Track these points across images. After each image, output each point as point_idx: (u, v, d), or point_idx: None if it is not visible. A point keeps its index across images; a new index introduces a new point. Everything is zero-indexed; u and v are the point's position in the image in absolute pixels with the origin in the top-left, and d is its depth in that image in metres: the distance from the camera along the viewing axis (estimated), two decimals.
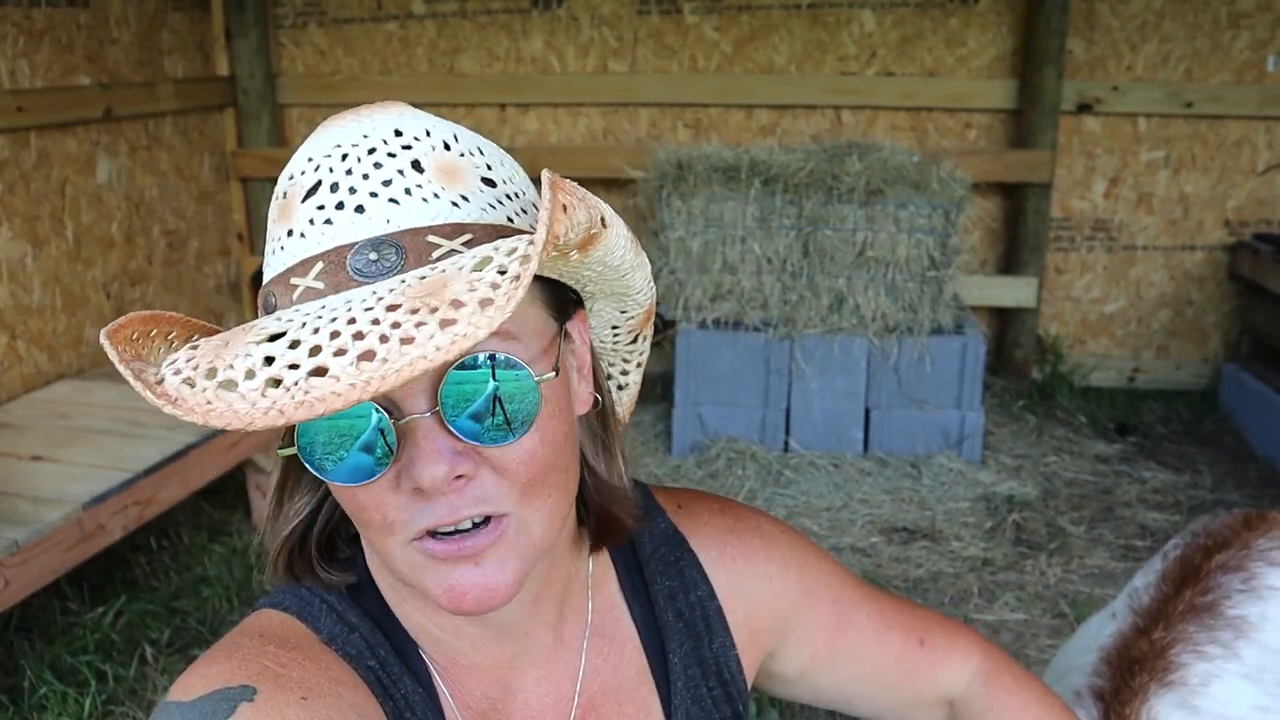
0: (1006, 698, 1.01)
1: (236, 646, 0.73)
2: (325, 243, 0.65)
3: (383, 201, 0.66)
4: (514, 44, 4.70)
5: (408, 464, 0.64)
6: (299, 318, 0.59)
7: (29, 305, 3.57)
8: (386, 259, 0.64)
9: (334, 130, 0.69)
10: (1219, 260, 4.59)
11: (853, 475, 3.79)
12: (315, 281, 0.65)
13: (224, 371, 0.57)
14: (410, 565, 0.69)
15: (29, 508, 2.58)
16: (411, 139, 0.68)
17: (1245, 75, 4.38)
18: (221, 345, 0.60)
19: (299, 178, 0.68)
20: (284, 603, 0.78)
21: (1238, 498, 3.70)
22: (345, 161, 0.67)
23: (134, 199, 4.11)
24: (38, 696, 2.61)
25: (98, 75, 3.88)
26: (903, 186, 3.71)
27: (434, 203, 0.66)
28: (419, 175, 0.67)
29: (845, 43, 4.56)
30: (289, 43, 4.81)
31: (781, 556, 0.95)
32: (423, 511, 0.66)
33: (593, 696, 0.84)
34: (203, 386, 0.57)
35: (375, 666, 0.76)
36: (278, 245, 0.68)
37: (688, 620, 0.89)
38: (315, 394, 0.54)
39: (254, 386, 0.56)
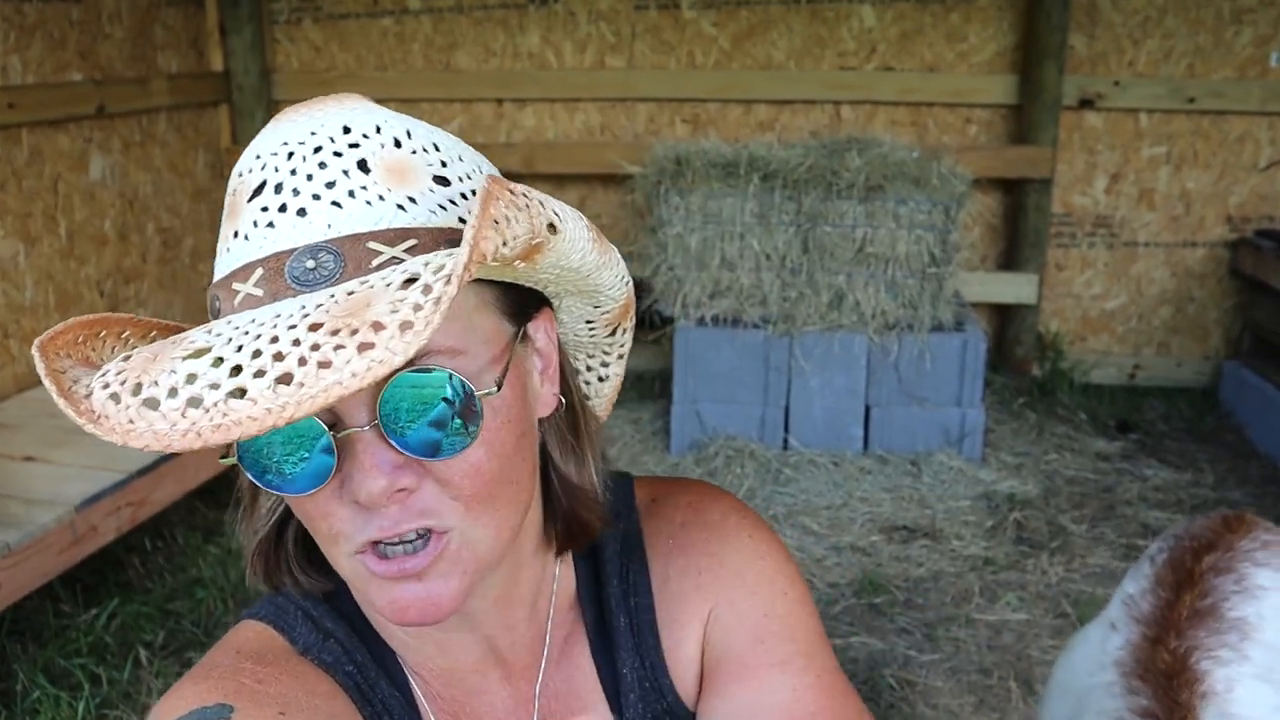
0: None
1: (214, 665, 0.73)
2: (267, 247, 0.63)
3: (325, 205, 0.63)
4: (510, 39, 4.67)
5: (347, 477, 0.63)
6: (227, 331, 0.58)
7: (21, 304, 3.53)
8: (324, 266, 0.61)
9: (284, 126, 0.66)
10: (1220, 257, 4.57)
11: (852, 473, 3.77)
12: (254, 288, 0.63)
13: (148, 388, 0.55)
14: (356, 576, 0.68)
15: (21, 509, 2.56)
16: (360, 136, 0.65)
17: (1248, 71, 4.35)
18: (151, 358, 0.58)
19: (246, 176, 0.66)
20: (261, 613, 0.79)
21: (1239, 495, 3.68)
22: (290, 160, 0.64)
23: (127, 196, 4.07)
24: (30, 700, 2.58)
25: (90, 71, 3.85)
26: (903, 182, 3.68)
27: (378, 205, 0.63)
28: (364, 176, 0.64)
29: (845, 38, 4.53)
30: (284, 38, 4.78)
31: (720, 553, 0.84)
32: (366, 523, 0.64)
33: (549, 701, 0.83)
34: (127, 403, 0.56)
35: (353, 671, 0.77)
36: (224, 246, 0.66)
37: (635, 627, 0.85)
38: (232, 417, 0.53)
39: (175, 406, 0.54)
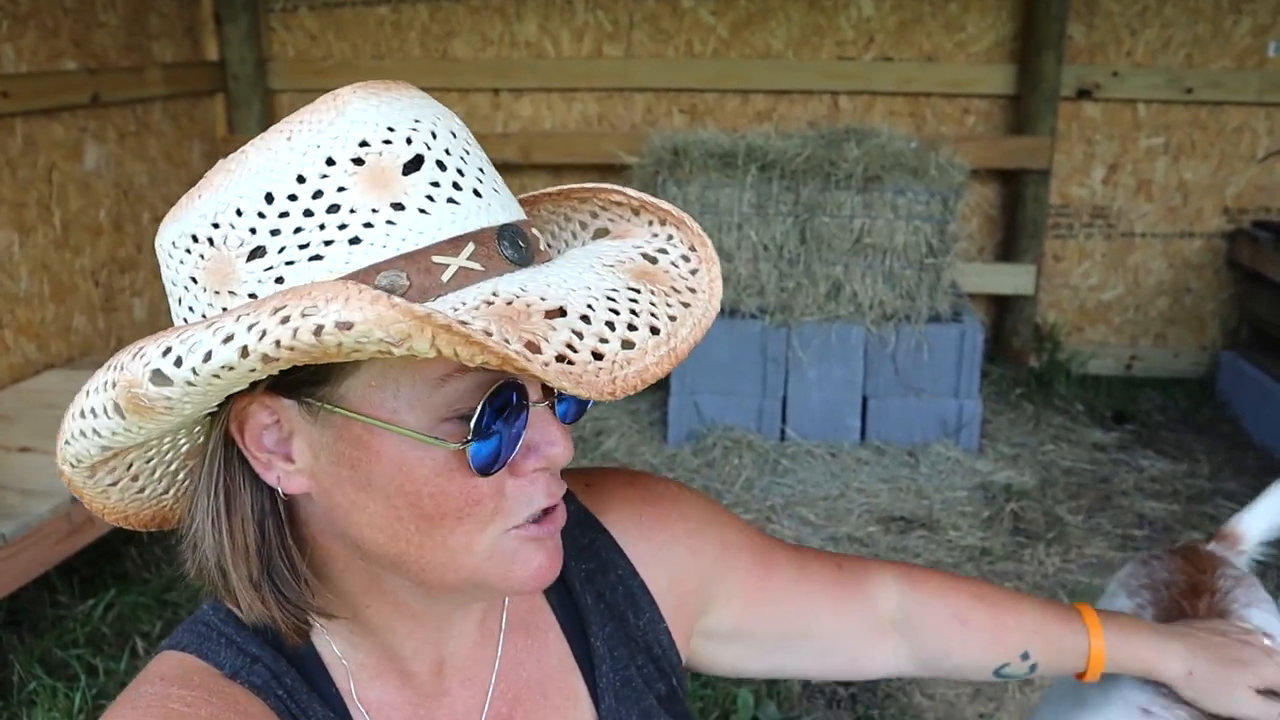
0: (931, 586, 1.04)
1: (140, 695, 0.70)
2: (459, 222, 0.62)
3: (488, 189, 0.65)
4: (508, 28, 4.65)
5: (534, 445, 0.67)
6: (551, 293, 0.59)
7: (16, 294, 3.52)
8: (522, 248, 0.64)
9: (399, 101, 0.65)
10: (1218, 248, 4.56)
11: (850, 464, 3.77)
12: (470, 262, 0.61)
13: (554, 345, 0.57)
14: (497, 555, 0.68)
15: (17, 500, 2.55)
16: (457, 125, 0.68)
17: (1246, 61, 4.34)
18: (508, 320, 0.56)
19: (386, 148, 0.62)
20: (182, 642, 0.76)
21: (1235, 486, 3.69)
22: (437, 140, 0.64)
23: (123, 185, 4.06)
24: (27, 691, 2.58)
25: (84, 60, 3.83)
26: (901, 173, 3.68)
27: (508, 197, 0.69)
28: (491, 169, 0.68)
29: (843, 27, 4.52)
30: (279, 27, 4.76)
31: (696, 515, 0.94)
32: (533, 496, 0.68)
33: (517, 691, 0.83)
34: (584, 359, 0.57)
35: (283, 695, 0.74)
36: (368, 216, 0.60)
37: (609, 601, 0.87)
38: (638, 365, 0.58)
39: (585, 359, 0.57)
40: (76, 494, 0.71)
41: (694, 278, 0.66)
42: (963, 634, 1.03)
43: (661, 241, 0.70)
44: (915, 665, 1.05)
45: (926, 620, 1.03)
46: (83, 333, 3.83)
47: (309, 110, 0.64)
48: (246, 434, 0.65)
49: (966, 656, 1.04)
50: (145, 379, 0.56)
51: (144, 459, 0.71)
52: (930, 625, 1.03)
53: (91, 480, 0.71)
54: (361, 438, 0.63)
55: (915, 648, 1.04)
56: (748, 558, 0.96)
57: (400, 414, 0.62)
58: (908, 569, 1.05)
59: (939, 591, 1.03)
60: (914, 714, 2.55)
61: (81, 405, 0.62)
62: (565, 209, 0.78)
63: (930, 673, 1.07)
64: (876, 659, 1.04)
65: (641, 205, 0.73)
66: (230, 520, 0.67)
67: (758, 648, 0.99)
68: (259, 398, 0.64)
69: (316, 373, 0.62)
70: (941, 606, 1.03)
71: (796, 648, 1.00)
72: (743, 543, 0.97)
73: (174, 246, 0.64)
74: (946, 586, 1.04)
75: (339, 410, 0.63)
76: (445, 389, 0.62)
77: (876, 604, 1.02)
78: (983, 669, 1.05)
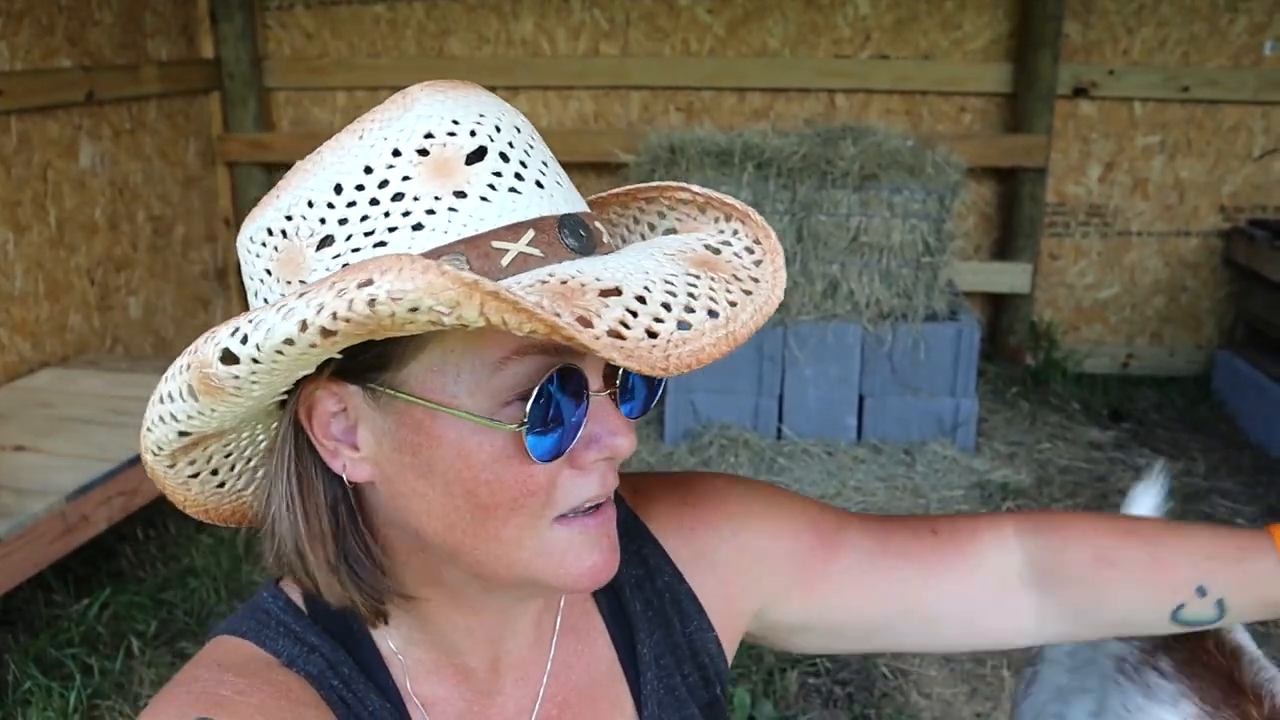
0: (1064, 531, 0.90)
1: (194, 679, 0.71)
2: (520, 211, 0.63)
3: (551, 181, 0.66)
4: (504, 26, 4.64)
5: (596, 436, 0.66)
6: (608, 275, 0.60)
7: (11, 292, 3.51)
8: (584, 239, 0.65)
9: (465, 97, 0.66)
10: (1214, 246, 4.57)
11: (846, 463, 3.77)
12: (529, 248, 0.62)
13: (606, 321, 0.57)
14: (549, 549, 0.68)
15: (11, 499, 2.54)
16: (520, 121, 0.69)
17: (1242, 59, 4.34)
18: (561, 297, 0.57)
19: (450, 140, 0.63)
20: (240, 628, 0.76)
21: (1231, 485, 3.70)
22: (501, 133, 0.65)
23: (118, 184, 4.05)
24: (22, 691, 2.58)
25: (79, 58, 3.82)
26: (897, 171, 3.67)
27: (572, 191, 0.68)
28: (555, 162, 0.68)
29: (839, 25, 4.52)
30: (275, 25, 4.74)
31: (740, 510, 0.91)
32: (584, 486, 0.67)
33: (566, 695, 0.83)
34: (639, 335, 0.57)
35: (339, 685, 0.74)
36: (434, 204, 0.62)
37: (656, 608, 0.87)
38: (694, 344, 0.58)
39: (638, 336, 0.57)
40: (159, 485, 0.74)
41: (757, 268, 0.66)
42: (1112, 576, 0.88)
43: (727, 235, 0.70)
44: (1068, 625, 0.92)
45: (1065, 568, 0.90)
46: (78, 331, 3.82)
47: (379, 108, 0.66)
48: (315, 421, 0.67)
49: (1126, 603, 0.89)
50: (215, 359, 0.59)
51: (223, 452, 0.74)
52: (1072, 573, 0.90)
53: (172, 470, 0.72)
54: (423, 423, 0.64)
55: (1059, 603, 0.91)
56: (807, 543, 0.91)
57: (460, 398, 0.63)
58: (1033, 516, 0.94)
59: (1077, 534, 0.90)
60: (911, 713, 2.55)
61: (161, 391, 0.64)
62: (634, 210, 0.78)
63: (1095, 633, 0.93)
64: (1005, 625, 0.93)
65: (707, 201, 0.73)
66: (305, 505, 0.70)
67: (839, 633, 0.94)
68: (325, 384, 0.65)
69: (379, 357, 0.63)
70: (1081, 549, 0.89)
71: (892, 626, 0.93)
72: (800, 528, 0.91)
73: (251, 242, 0.67)
74: (1085, 527, 0.91)
75: (401, 395, 0.64)
76: (504, 372, 0.63)
77: (990, 564, 0.91)
78: (1154, 616, 0.89)
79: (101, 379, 3.41)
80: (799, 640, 0.96)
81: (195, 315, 4.58)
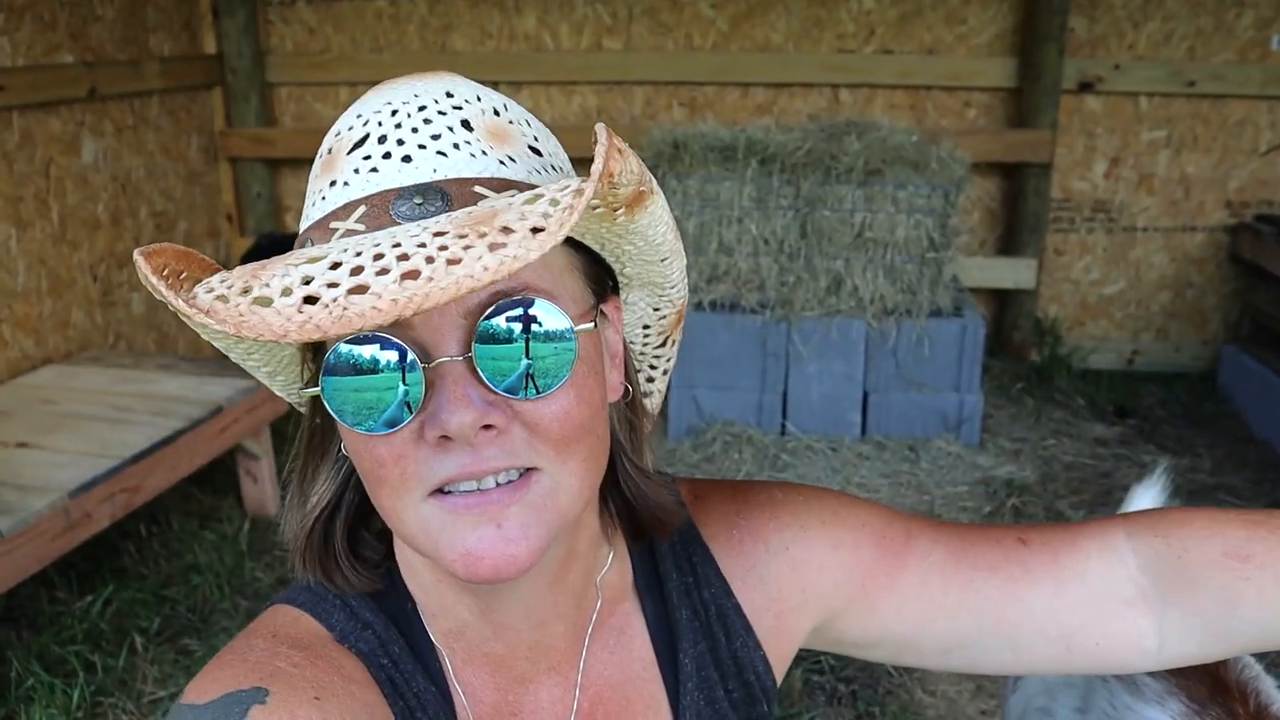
0: (1185, 529, 0.80)
1: (250, 648, 0.72)
2: (369, 189, 0.65)
3: (430, 153, 0.65)
4: (507, 21, 4.62)
5: (434, 411, 0.62)
6: (339, 244, 0.58)
7: (14, 289, 3.51)
8: (431, 204, 0.63)
9: (385, 91, 0.69)
10: (1220, 242, 4.55)
11: (850, 459, 3.75)
12: (356, 224, 0.63)
13: (259, 289, 0.55)
14: (424, 527, 0.65)
15: (14, 496, 2.54)
16: (462, 100, 0.68)
17: (1248, 54, 4.32)
18: (259, 268, 0.58)
19: (345, 133, 0.68)
20: (298, 599, 0.78)
21: (1237, 481, 3.68)
22: (395, 116, 0.67)
23: (120, 180, 4.04)
24: (25, 688, 2.57)
25: (81, 53, 3.81)
26: (901, 166, 3.66)
27: (481, 159, 0.66)
28: (468, 133, 0.66)
29: (843, 20, 4.50)
30: (277, 20, 4.73)
31: (795, 521, 0.86)
32: (443, 461, 0.63)
33: (600, 691, 0.82)
34: (236, 302, 0.55)
35: (388, 665, 0.76)
36: (318, 197, 0.67)
37: (703, 620, 0.85)
38: (354, 310, 0.53)
39: (290, 303, 0.54)
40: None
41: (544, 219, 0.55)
42: (1246, 573, 0.77)
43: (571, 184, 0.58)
44: (1196, 639, 0.81)
45: (1191, 569, 0.79)
46: (80, 328, 3.82)
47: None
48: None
49: (1264, 602, 0.77)
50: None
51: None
52: (1199, 575, 0.79)
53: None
54: None
55: (1185, 614, 0.80)
56: (869, 555, 0.85)
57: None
58: (1147, 516, 0.83)
59: (1200, 530, 0.80)
60: (915, 710, 2.54)
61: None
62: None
63: (1228, 647, 0.81)
64: (1118, 644, 0.83)
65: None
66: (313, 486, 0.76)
67: (912, 649, 0.87)
68: None
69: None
70: (1207, 546, 0.79)
71: (972, 644, 0.85)
72: (862, 540, 0.86)
73: None
74: (1206, 521, 0.80)
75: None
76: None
77: (1093, 576, 0.82)
78: None
79: (104, 375, 3.41)
80: (871, 654, 0.91)
81: None
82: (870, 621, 0.87)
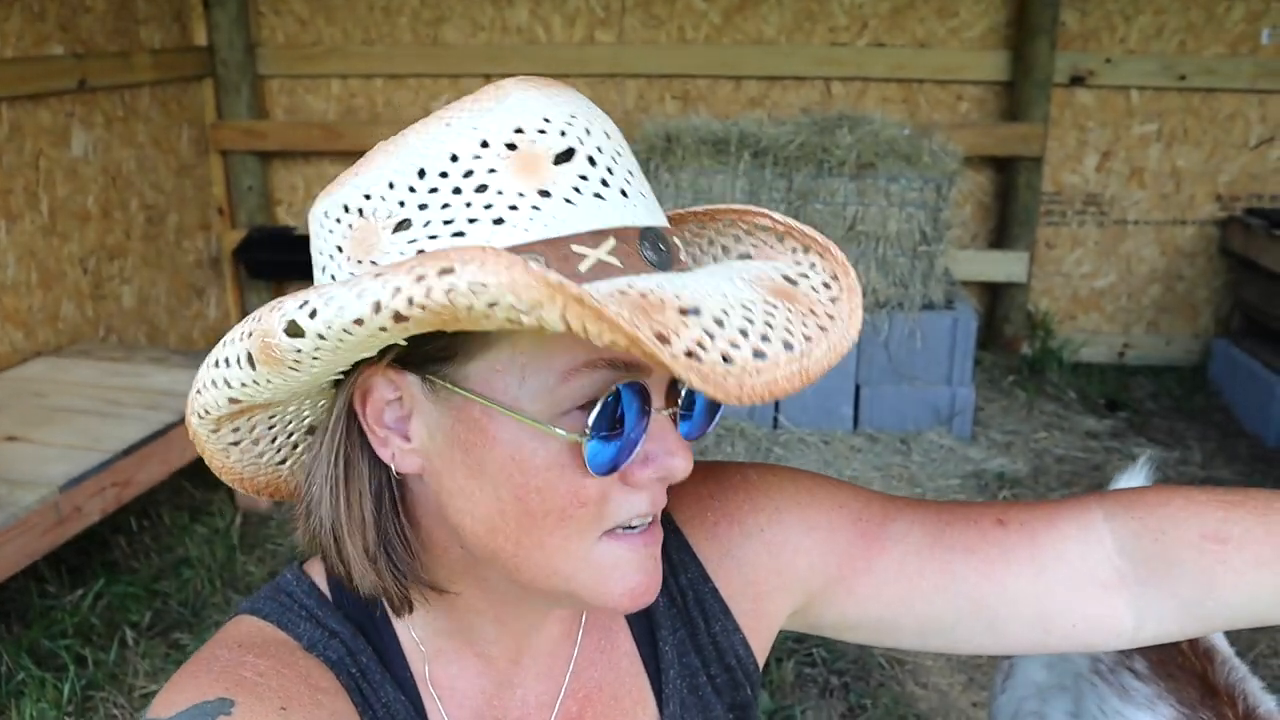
0: (1164, 510, 0.80)
1: (214, 659, 0.70)
2: (603, 217, 0.61)
3: (636, 192, 0.64)
4: (499, 13, 4.61)
5: (653, 454, 0.65)
6: (686, 294, 0.57)
7: (3, 281, 3.49)
8: (662, 253, 0.63)
9: (553, 97, 0.65)
10: (1210, 235, 4.56)
11: (842, 452, 3.76)
12: (609, 257, 0.60)
13: (684, 341, 0.55)
14: (593, 565, 0.67)
15: (4, 490, 2.53)
16: (602, 131, 0.67)
17: (1239, 48, 4.33)
18: (640, 310, 0.55)
19: (539, 138, 0.62)
20: (263, 609, 0.76)
21: (1227, 474, 3.70)
22: (591, 136, 0.63)
23: (111, 172, 4.02)
24: (15, 682, 2.57)
25: (71, 45, 3.79)
26: (894, 160, 3.66)
27: (654, 203, 0.67)
28: (640, 175, 0.67)
29: (835, 13, 4.50)
30: (268, 12, 4.71)
31: (769, 503, 0.86)
32: (635, 502, 0.66)
33: (588, 690, 0.82)
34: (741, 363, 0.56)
35: (356, 674, 0.74)
36: (524, 203, 0.60)
37: (680, 606, 0.84)
38: (770, 375, 0.56)
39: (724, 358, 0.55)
40: (199, 448, 0.74)
41: (833, 305, 0.64)
42: (1224, 555, 0.77)
43: (804, 267, 0.69)
44: (1174, 619, 0.81)
45: (1170, 552, 0.79)
46: (71, 320, 3.80)
47: (470, 98, 0.65)
48: (369, 407, 0.66)
49: (1243, 586, 0.77)
50: (279, 329, 0.57)
51: (267, 423, 0.73)
52: (1177, 557, 0.79)
53: (215, 435, 0.72)
54: (479, 421, 0.63)
55: (1163, 595, 0.80)
56: (845, 536, 0.85)
57: (522, 401, 0.62)
58: (1125, 496, 0.83)
59: (1178, 511, 0.79)
60: (907, 702, 2.55)
61: (217, 355, 0.63)
62: (711, 231, 0.77)
63: (1207, 626, 0.81)
64: (1095, 625, 0.83)
65: (787, 231, 0.72)
66: (348, 490, 0.69)
67: (890, 631, 0.87)
68: (384, 369, 0.64)
69: (444, 349, 0.62)
70: (1186, 527, 0.78)
71: (951, 625, 0.85)
72: (838, 521, 0.85)
73: (325, 217, 0.66)
74: (1185, 501, 0.80)
75: (460, 390, 0.63)
76: (570, 384, 0.61)
77: (1071, 556, 0.82)
78: (1277, 596, 0.78)
79: (94, 368, 3.40)
80: (849, 636, 0.91)
81: (189, 304, 4.56)
82: (848, 603, 0.86)
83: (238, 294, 4.84)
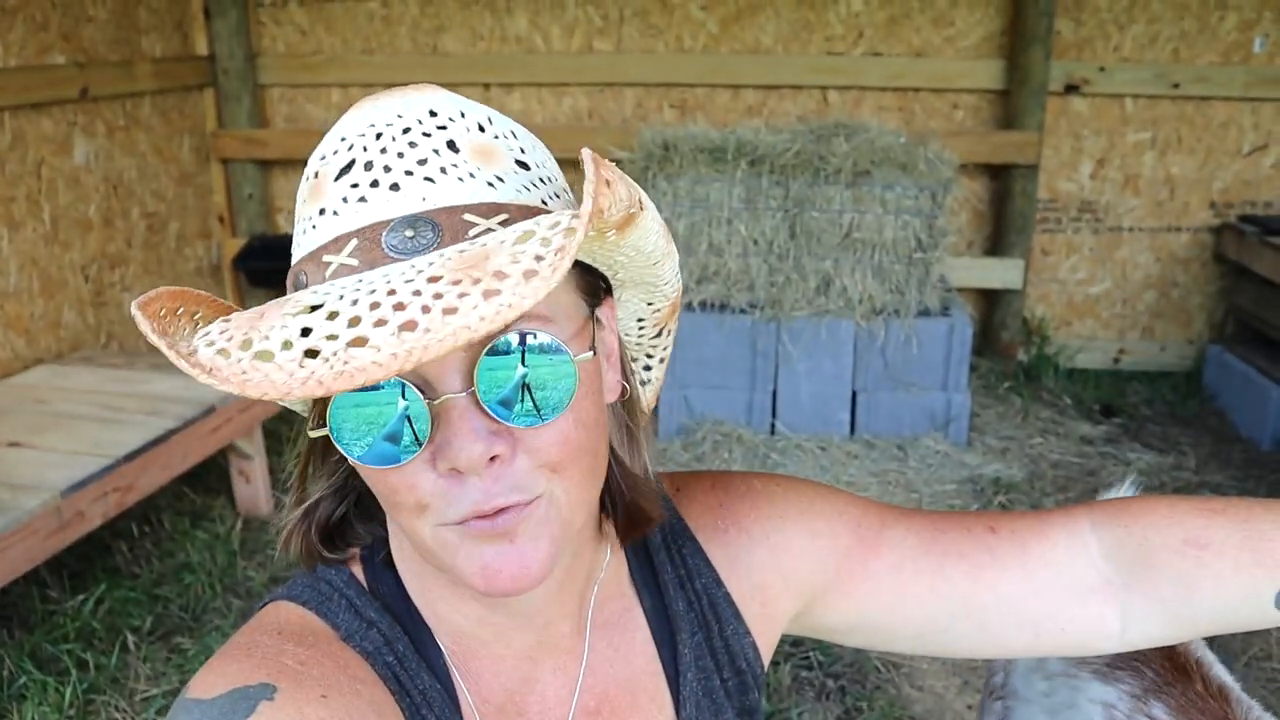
0: (1147, 518, 0.83)
1: (255, 645, 0.72)
2: (359, 220, 0.64)
3: (418, 180, 0.65)
4: (498, 23, 4.64)
5: (443, 444, 0.63)
6: (335, 290, 0.58)
7: (5, 289, 3.51)
8: (423, 236, 0.63)
9: (367, 110, 0.68)
10: (1204, 242, 4.59)
11: (839, 458, 3.78)
12: (349, 258, 0.63)
13: (259, 342, 0.56)
14: (441, 545, 0.67)
15: (6, 495, 2.55)
16: (446, 119, 0.68)
17: (1232, 56, 4.36)
18: (256, 317, 0.58)
19: (331, 157, 0.67)
20: (301, 596, 0.78)
21: (1222, 479, 3.72)
22: (380, 140, 0.66)
23: (112, 180, 4.05)
24: (17, 686, 2.58)
25: (73, 54, 3.82)
26: (890, 168, 3.69)
27: (469, 182, 0.65)
28: (454, 155, 0.66)
29: (832, 22, 4.53)
30: (269, 21, 4.74)
31: (774, 511, 0.89)
32: (459, 497, 0.64)
33: (605, 688, 0.83)
34: (237, 357, 0.56)
35: (393, 662, 0.76)
36: (308, 225, 0.67)
37: (697, 610, 0.87)
38: (355, 364, 0.53)
39: (291, 357, 0.55)
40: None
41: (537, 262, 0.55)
42: (1203, 560, 0.80)
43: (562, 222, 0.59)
44: (1157, 623, 0.84)
45: (1152, 557, 0.82)
46: (72, 328, 3.83)
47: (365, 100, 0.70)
48: None
49: (1221, 590, 0.80)
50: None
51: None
52: (1159, 562, 0.82)
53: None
54: None
55: (1147, 599, 0.84)
56: (844, 543, 0.88)
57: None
58: (1111, 505, 0.86)
59: (1162, 519, 0.83)
60: (902, 705, 2.57)
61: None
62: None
63: (1188, 630, 0.85)
64: (1084, 629, 0.86)
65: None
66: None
67: (886, 635, 0.91)
68: None
69: None
70: (1168, 534, 0.82)
71: (943, 629, 0.88)
72: (838, 529, 0.89)
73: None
74: (1169, 510, 0.83)
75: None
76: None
77: (1060, 562, 0.85)
78: (1254, 603, 0.80)
79: (96, 375, 3.42)
80: (847, 639, 0.94)
81: None
82: (846, 607, 0.89)
83: (238, 301, 4.86)
